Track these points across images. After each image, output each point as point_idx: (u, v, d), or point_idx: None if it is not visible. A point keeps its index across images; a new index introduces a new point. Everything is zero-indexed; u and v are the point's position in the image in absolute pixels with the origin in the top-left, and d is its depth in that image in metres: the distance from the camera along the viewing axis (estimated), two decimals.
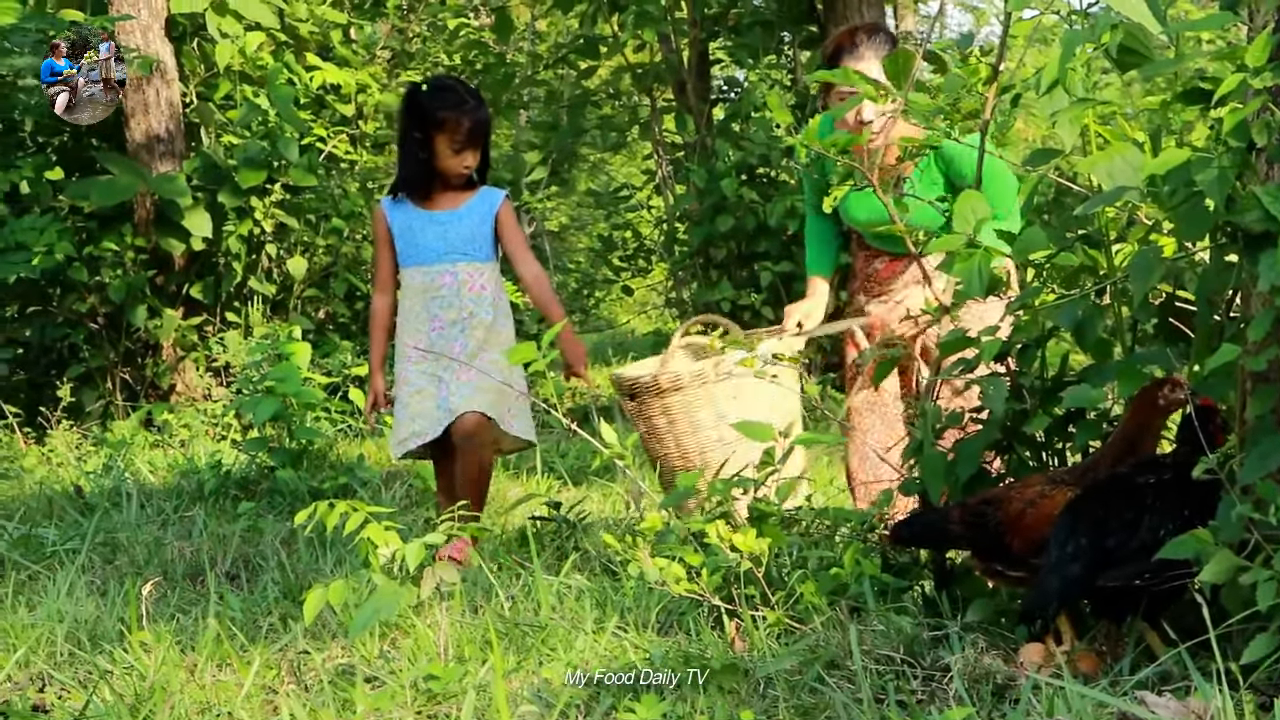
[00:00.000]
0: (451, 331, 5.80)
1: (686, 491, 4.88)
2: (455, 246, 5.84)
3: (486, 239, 5.88)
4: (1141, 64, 3.61)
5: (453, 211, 5.85)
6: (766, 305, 11.04)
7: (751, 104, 11.70)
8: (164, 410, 9.33)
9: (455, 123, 5.73)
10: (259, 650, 4.40)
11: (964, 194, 4.15)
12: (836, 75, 4.56)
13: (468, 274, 5.85)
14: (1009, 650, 3.90)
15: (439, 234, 5.83)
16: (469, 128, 5.74)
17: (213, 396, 9.73)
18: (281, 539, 6.04)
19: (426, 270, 5.84)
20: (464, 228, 5.84)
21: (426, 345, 5.78)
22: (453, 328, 5.80)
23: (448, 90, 5.88)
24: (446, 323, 5.82)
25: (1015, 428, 4.38)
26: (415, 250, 5.86)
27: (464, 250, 5.84)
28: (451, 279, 5.82)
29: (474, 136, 5.77)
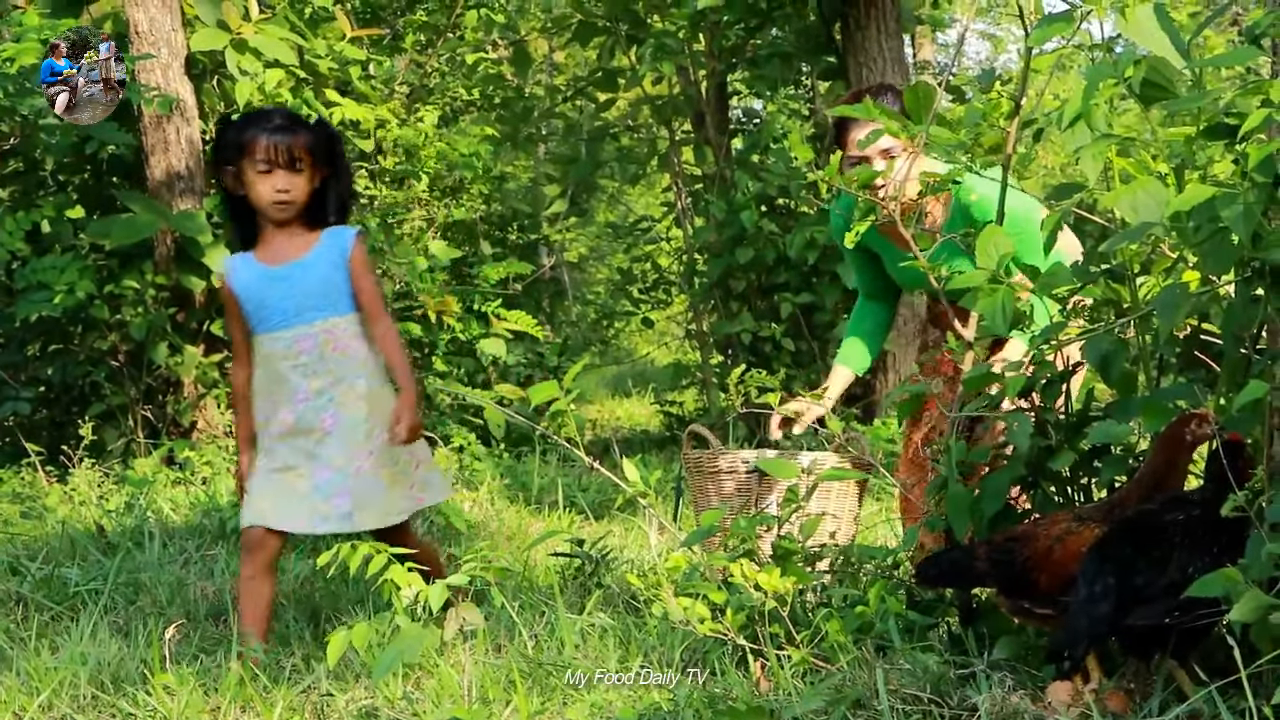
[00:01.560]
0: (319, 402, 4.98)
1: (709, 529, 4.86)
2: (307, 303, 4.99)
3: (342, 289, 5.02)
4: (1165, 98, 3.59)
5: (297, 262, 5.00)
6: (786, 337, 11.02)
7: (770, 135, 11.70)
8: (185, 447, 9.33)
9: (254, 142, 4.91)
10: (282, 692, 4.38)
11: (987, 229, 4.14)
12: (859, 110, 4.55)
13: (326, 334, 5.01)
14: (1036, 689, 3.87)
15: (286, 291, 4.99)
16: (270, 145, 4.90)
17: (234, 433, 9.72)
18: (304, 578, 6.02)
19: (279, 337, 5.00)
20: (313, 279, 5.00)
21: (294, 422, 4.97)
22: (319, 398, 4.98)
23: (254, 113, 5.15)
24: (312, 393, 4.98)
25: (1040, 463, 4.35)
26: (264, 314, 5.01)
27: (318, 306, 5.00)
28: (310, 343, 4.99)
29: (280, 154, 4.91)
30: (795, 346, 11.08)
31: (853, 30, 11.38)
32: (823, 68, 12.42)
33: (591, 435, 13.06)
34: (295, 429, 4.96)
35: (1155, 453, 3.97)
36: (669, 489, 7.79)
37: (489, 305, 11.40)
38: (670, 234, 14.74)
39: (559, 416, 5.82)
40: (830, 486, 5.56)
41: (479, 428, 10.79)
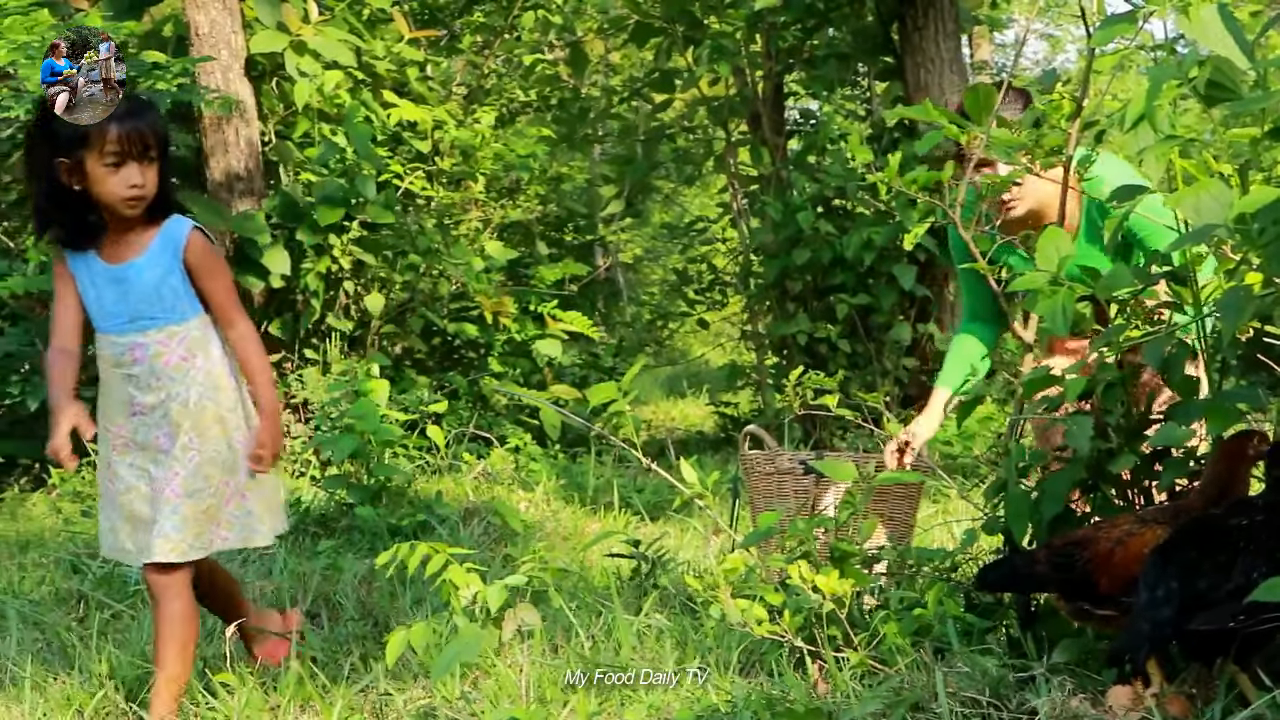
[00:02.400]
0: (152, 418, 4.46)
1: (768, 530, 4.85)
2: (140, 310, 4.44)
3: (179, 291, 4.44)
4: (1230, 99, 3.56)
5: (133, 263, 4.42)
6: (843, 338, 10.99)
7: (827, 136, 11.68)
8: None
9: (102, 131, 4.27)
10: (341, 691, 4.41)
11: (1048, 231, 4.11)
12: (915, 111, 4.53)
13: (161, 344, 4.45)
14: (1096, 693, 3.84)
15: (120, 295, 4.44)
16: (122, 134, 4.29)
17: (291, 433, 9.78)
18: (361, 577, 6.04)
19: (115, 341, 4.48)
20: (146, 283, 4.42)
21: (129, 434, 4.49)
22: (153, 413, 4.45)
23: None
24: (146, 408, 4.46)
25: (1100, 466, 4.33)
26: (100, 315, 4.49)
27: (151, 314, 4.44)
28: (142, 353, 4.45)
29: (134, 145, 4.31)
30: (851, 348, 11.05)
31: (910, 31, 11.34)
32: (880, 68, 12.39)
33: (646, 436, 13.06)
34: (132, 443, 4.48)
35: (1217, 461, 3.95)
36: (725, 490, 7.78)
37: (545, 306, 11.42)
38: (726, 235, 14.73)
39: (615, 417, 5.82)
40: (888, 489, 5.54)
41: (535, 428, 10.82)
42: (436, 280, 10.81)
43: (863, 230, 10.65)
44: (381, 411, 8.01)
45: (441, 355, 11.18)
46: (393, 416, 8.89)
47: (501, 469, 9.48)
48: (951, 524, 6.69)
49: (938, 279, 11.08)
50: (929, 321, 11.10)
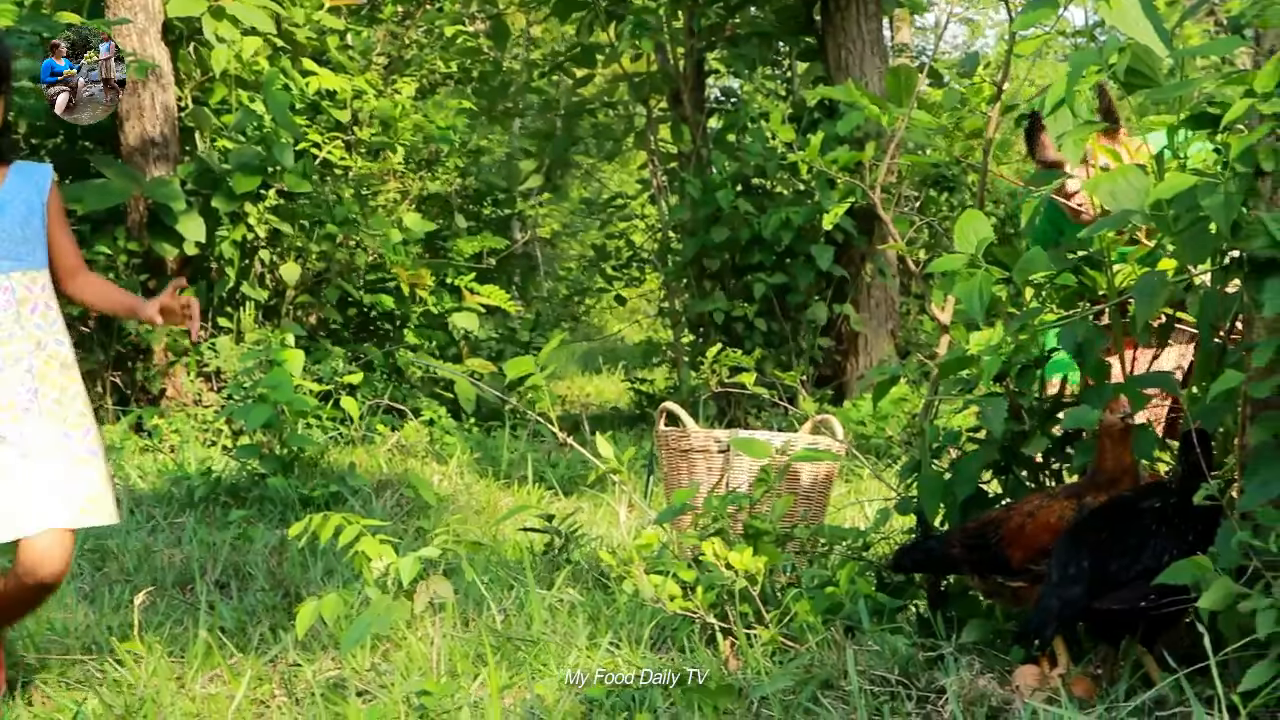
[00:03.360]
0: (14, 372, 4.01)
1: (681, 507, 4.86)
2: (4, 249, 4.06)
3: (39, 236, 4.10)
4: (1148, 86, 3.60)
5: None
6: (759, 317, 11.01)
7: (748, 115, 11.69)
8: (154, 415, 9.29)
9: None
10: (250, 662, 4.38)
11: (966, 214, 4.14)
12: (837, 92, 4.54)
13: (25, 288, 4.08)
14: (1004, 672, 3.88)
15: None
16: None
17: (204, 402, 9.69)
18: (272, 547, 6.01)
19: None
20: (10, 220, 4.06)
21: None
22: (16, 366, 4.02)
23: None
24: (6, 360, 4.01)
25: (1014, 448, 4.36)
26: None
27: (15, 254, 4.06)
28: (6, 296, 4.05)
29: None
30: (768, 327, 11.07)
31: (832, 11, 11.37)
32: (801, 48, 12.41)
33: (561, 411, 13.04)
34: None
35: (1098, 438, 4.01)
36: (639, 466, 7.79)
37: (462, 279, 11.37)
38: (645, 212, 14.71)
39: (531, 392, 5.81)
40: (802, 467, 5.56)
41: (450, 402, 10.77)
42: (353, 251, 10.74)
43: (781, 210, 10.67)
44: (295, 382, 7.95)
45: (357, 326, 11.10)
46: (307, 387, 8.84)
47: (416, 441, 9.45)
48: (864, 504, 6.73)
49: (855, 260, 11.12)
50: (845, 302, 11.14)
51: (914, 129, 4.38)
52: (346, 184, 11.14)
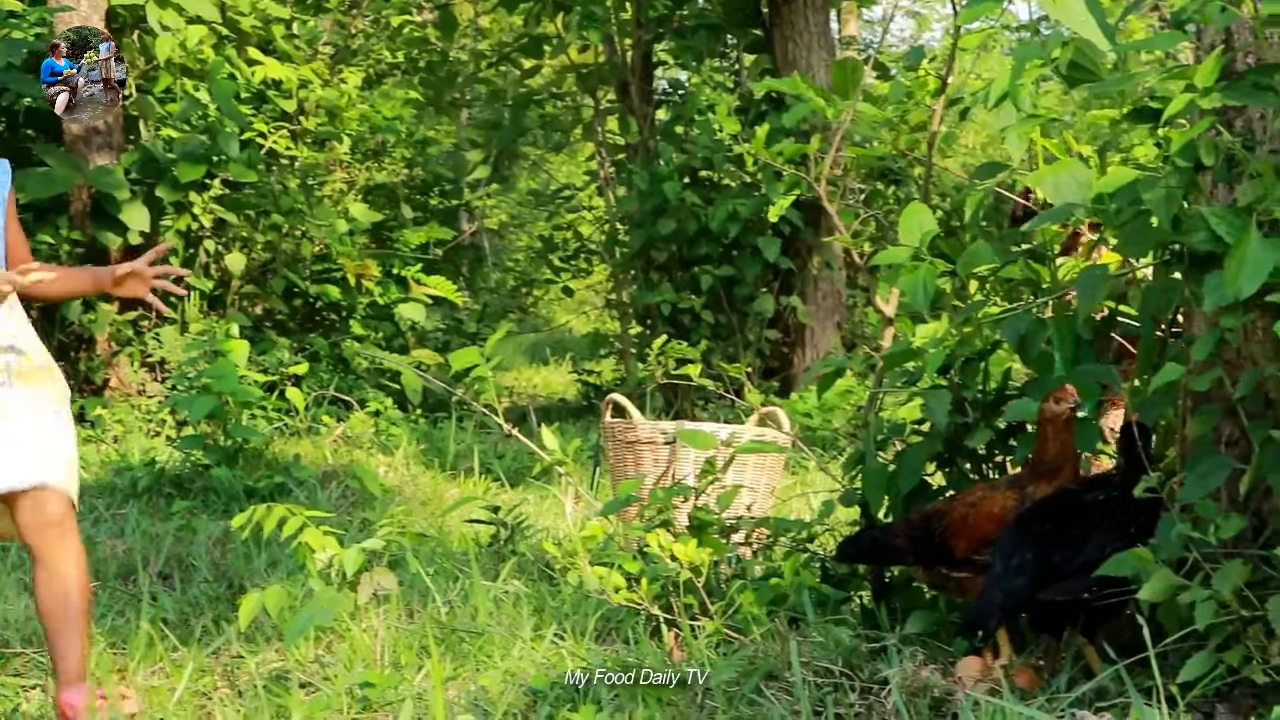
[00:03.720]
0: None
1: (627, 498, 4.86)
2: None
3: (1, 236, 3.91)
4: (1091, 80, 3.61)
5: None
6: (706, 309, 11.02)
7: (695, 107, 11.69)
8: (97, 405, 9.23)
9: None
10: (192, 654, 4.35)
11: (911, 207, 4.15)
12: (783, 85, 4.55)
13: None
14: (947, 664, 3.90)
15: None
16: None
17: (147, 392, 9.64)
18: (215, 539, 5.98)
19: None
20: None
21: None
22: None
23: None
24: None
25: (957, 441, 4.38)
26: None
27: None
28: None
29: None
30: (715, 319, 11.09)
31: (779, 4, 11.39)
32: (749, 40, 12.41)
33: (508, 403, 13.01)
34: None
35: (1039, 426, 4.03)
36: (586, 458, 7.78)
37: (408, 270, 11.34)
38: (592, 203, 14.70)
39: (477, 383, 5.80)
40: (747, 459, 5.57)
41: (396, 393, 10.75)
42: (299, 241, 10.69)
43: (728, 202, 10.69)
44: (240, 372, 7.90)
45: (303, 317, 11.05)
46: (251, 378, 8.78)
47: (361, 433, 9.42)
48: (810, 495, 6.74)
49: (801, 252, 11.15)
50: (792, 294, 11.16)
51: (859, 122, 4.39)
52: (292, 174, 11.10)
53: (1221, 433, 3.63)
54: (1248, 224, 3.18)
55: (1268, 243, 3.14)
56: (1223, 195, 3.55)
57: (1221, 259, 3.21)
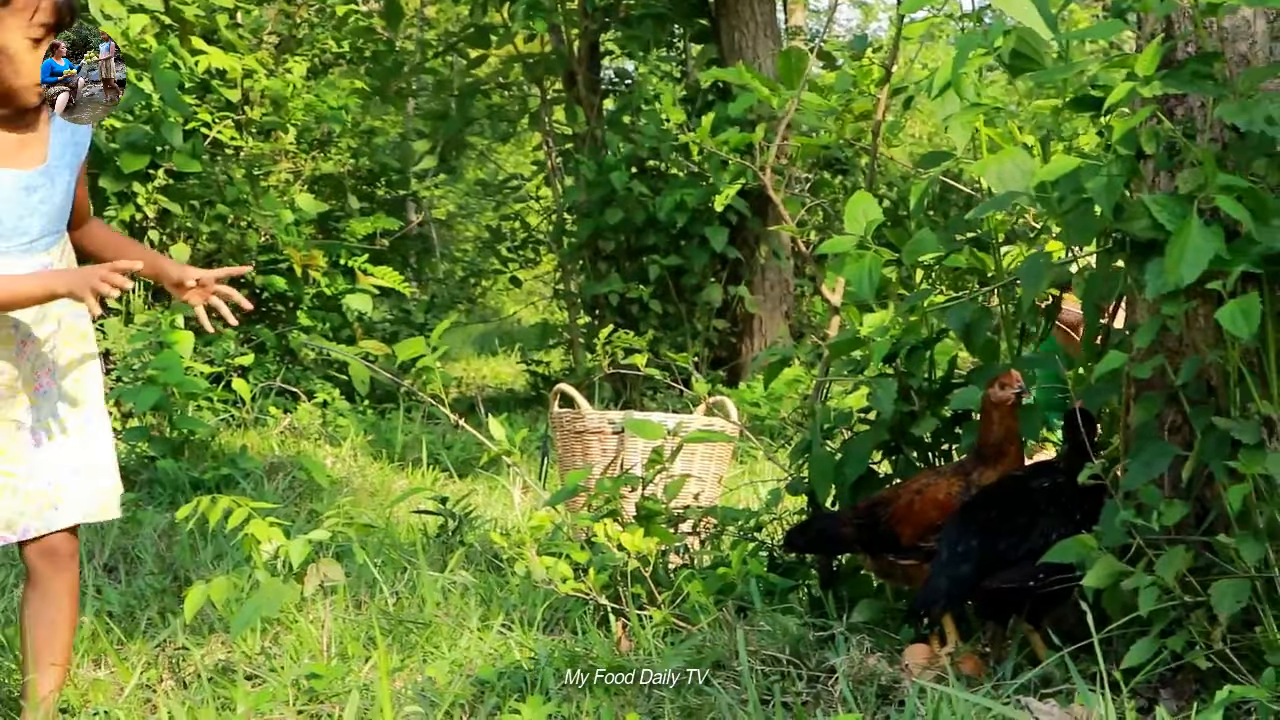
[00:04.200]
0: (45, 356, 3.67)
1: (574, 488, 4.86)
2: (52, 223, 3.63)
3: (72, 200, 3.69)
4: (1033, 69, 3.63)
5: (45, 168, 3.59)
6: (654, 299, 11.02)
7: (642, 97, 11.69)
8: None
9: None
10: (137, 646, 4.33)
11: (856, 196, 4.16)
12: (728, 74, 4.55)
13: (58, 258, 3.68)
14: (894, 651, 3.91)
15: (31, 206, 3.57)
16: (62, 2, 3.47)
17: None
18: (161, 530, 5.94)
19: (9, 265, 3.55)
20: (60, 189, 3.63)
21: (10, 380, 3.59)
22: (44, 347, 3.66)
23: None
24: (39, 343, 3.64)
25: (903, 429, 4.40)
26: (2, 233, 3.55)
27: (56, 227, 3.65)
28: None
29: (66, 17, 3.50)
30: (663, 309, 11.09)
31: None
32: (695, 30, 12.42)
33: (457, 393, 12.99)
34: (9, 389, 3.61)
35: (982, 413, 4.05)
36: (534, 448, 7.78)
37: (355, 260, 11.29)
38: (540, 193, 14.67)
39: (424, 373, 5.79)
40: (695, 448, 5.58)
41: (343, 383, 10.70)
42: (245, 232, 10.62)
43: (676, 191, 10.68)
44: (185, 363, 7.86)
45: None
46: (197, 369, 8.73)
47: (308, 424, 9.38)
48: (757, 484, 6.75)
49: (749, 242, 11.16)
50: (740, 283, 11.18)
51: (804, 111, 4.39)
52: (237, 164, 11.02)
53: (1164, 419, 3.65)
54: (1188, 212, 3.20)
55: (1208, 230, 3.16)
56: (1164, 183, 3.58)
57: (1163, 246, 3.23)
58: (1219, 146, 3.43)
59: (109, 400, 8.87)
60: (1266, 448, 3.29)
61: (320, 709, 3.81)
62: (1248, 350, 3.40)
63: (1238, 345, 3.35)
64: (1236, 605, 3.30)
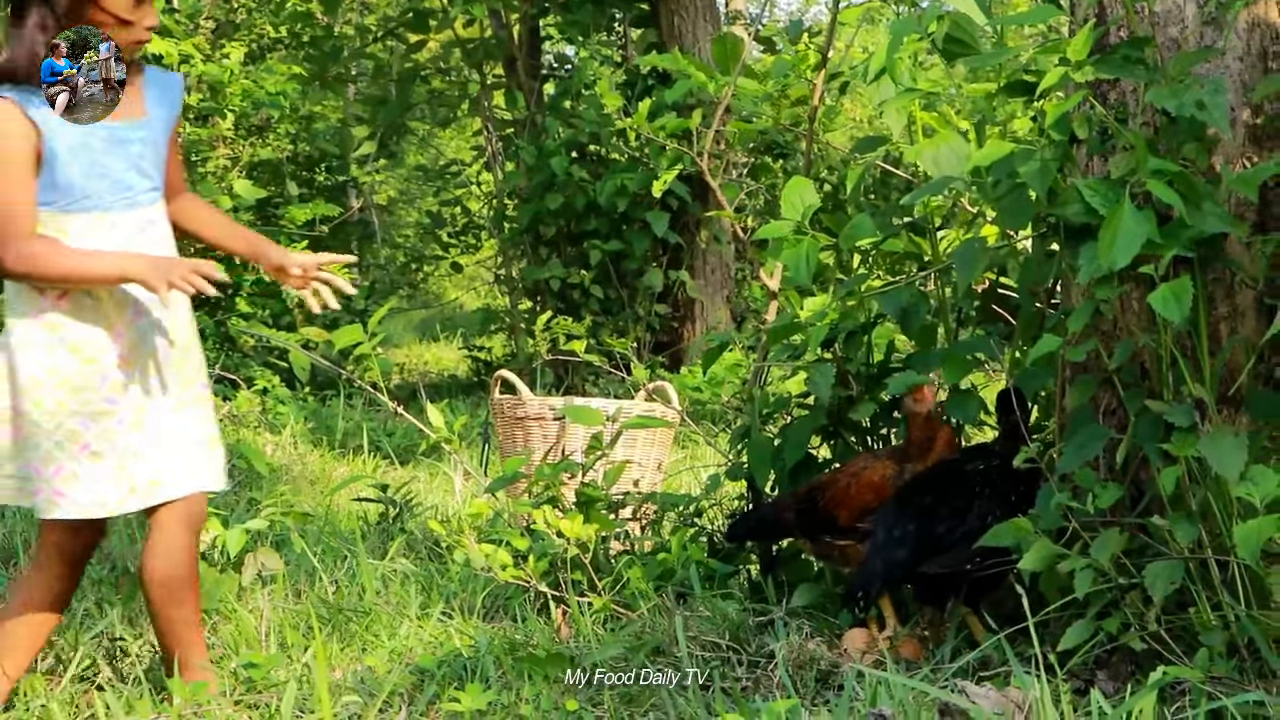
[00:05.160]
0: (158, 322, 3.60)
1: (514, 475, 4.85)
2: (151, 178, 3.56)
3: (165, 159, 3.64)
4: (967, 54, 3.64)
5: (140, 121, 3.55)
6: (595, 284, 11.02)
7: (582, 82, 11.68)
8: None
9: None
10: (73, 637, 4.29)
11: (793, 181, 4.17)
12: (665, 60, 4.55)
13: (164, 223, 3.62)
14: (833, 636, 3.93)
15: (129, 159, 3.51)
16: None
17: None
18: None
19: (113, 223, 3.50)
20: (155, 144, 3.58)
21: (126, 348, 3.53)
22: (156, 315, 3.59)
23: None
24: (146, 310, 3.57)
25: (841, 414, 4.41)
26: (98, 188, 3.47)
27: (158, 182, 3.59)
28: (161, 229, 3.61)
29: None
30: (604, 294, 11.09)
31: None
32: (635, 14, 12.41)
33: (399, 380, 12.96)
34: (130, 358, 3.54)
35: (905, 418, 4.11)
36: (476, 435, 7.76)
37: (295, 247, 11.23)
38: (480, 179, 14.64)
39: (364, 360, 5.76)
40: (636, 434, 5.58)
41: (284, 370, 10.66)
42: None
43: (616, 176, 10.68)
44: None
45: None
46: None
47: (248, 411, 9.33)
48: (698, 470, 6.76)
49: (689, 226, 11.17)
50: (681, 269, 11.19)
51: (740, 96, 4.40)
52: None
53: (1099, 403, 3.67)
54: (1121, 196, 3.22)
55: (1140, 215, 3.18)
56: (1097, 168, 3.60)
57: (1096, 231, 3.24)
58: (1151, 131, 3.45)
59: None
60: (1199, 430, 3.32)
61: (258, 699, 3.79)
62: (1180, 334, 3.42)
63: (1170, 329, 3.37)
64: (1170, 587, 3.32)
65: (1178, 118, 3.32)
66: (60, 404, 3.48)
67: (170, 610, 3.65)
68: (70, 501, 3.53)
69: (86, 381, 3.49)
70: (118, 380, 3.52)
